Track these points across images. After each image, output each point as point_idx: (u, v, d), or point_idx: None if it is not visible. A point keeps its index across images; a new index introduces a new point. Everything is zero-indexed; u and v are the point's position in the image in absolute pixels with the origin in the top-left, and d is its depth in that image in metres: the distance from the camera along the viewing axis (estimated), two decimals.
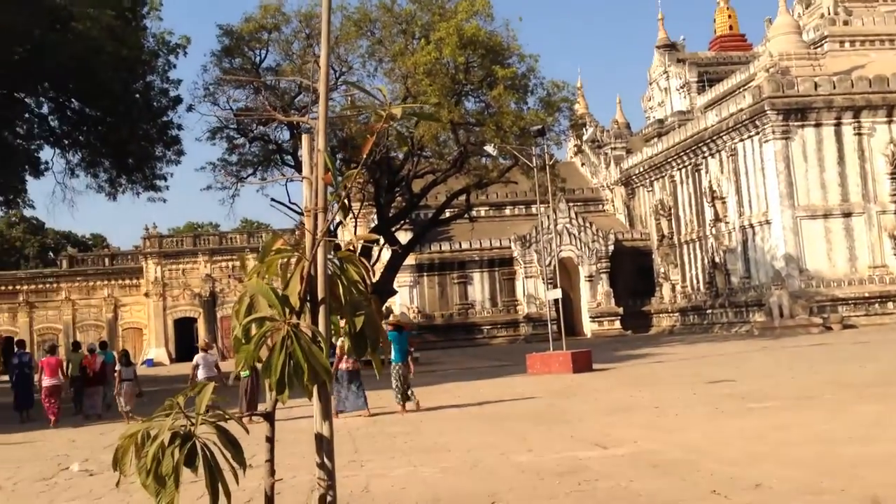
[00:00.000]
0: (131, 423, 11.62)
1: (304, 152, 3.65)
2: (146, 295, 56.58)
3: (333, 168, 3.44)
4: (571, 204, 50.49)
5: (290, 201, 32.44)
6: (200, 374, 16.26)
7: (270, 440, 3.29)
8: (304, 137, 3.63)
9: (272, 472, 3.27)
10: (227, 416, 3.12)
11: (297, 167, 33.72)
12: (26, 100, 31.67)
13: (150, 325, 56.33)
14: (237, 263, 56.49)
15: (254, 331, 3.27)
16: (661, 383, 16.64)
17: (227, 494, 3.00)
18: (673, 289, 47.97)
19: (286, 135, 33.89)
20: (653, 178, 50.05)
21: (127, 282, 58.03)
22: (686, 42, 60.34)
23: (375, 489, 7.55)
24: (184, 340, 56.54)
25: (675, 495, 6.52)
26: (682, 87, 55.86)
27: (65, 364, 19.10)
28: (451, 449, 9.77)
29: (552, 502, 6.59)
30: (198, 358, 16.78)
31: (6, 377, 40.58)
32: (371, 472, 8.49)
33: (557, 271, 29.51)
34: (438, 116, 25.11)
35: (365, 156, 3.66)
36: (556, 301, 28.25)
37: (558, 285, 26.67)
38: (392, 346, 14.41)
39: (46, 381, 17.56)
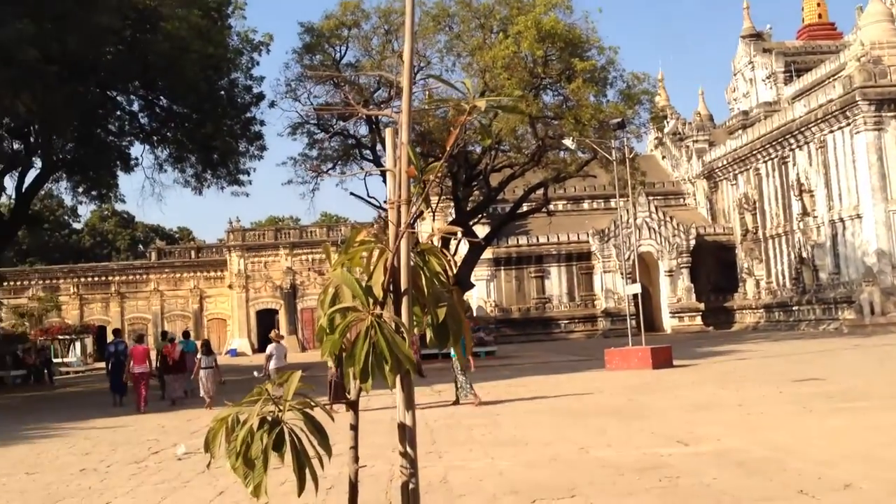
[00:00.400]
0: (213, 410, 12.03)
1: (387, 146, 3.69)
2: (230, 287, 58.09)
3: (417, 161, 3.47)
4: (651, 198, 49.65)
5: (368, 195, 32.83)
6: (272, 364, 16.94)
7: (354, 428, 3.35)
8: (388, 131, 3.66)
9: (356, 459, 3.33)
10: (313, 404, 3.19)
11: (376, 161, 34.10)
12: (118, 98, 32.87)
13: (234, 315, 57.81)
14: (317, 256, 57.50)
15: (338, 321, 3.34)
16: (745, 381, 16.24)
17: (315, 479, 3.07)
18: (757, 284, 46.73)
19: (364, 130, 34.33)
20: (737, 172, 48.81)
21: (212, 274, 59.69)
22: (772, 31, 58.39)
23: (454, 480, 7.60)
24: (266, 331, 57.81)
25: (761, 494, 6.37)
26: (768, 78, 54.22)
27: (153, 353, 19.93)
28: (529, 442, 9.76)
29: (633, 498, 6.52)
30: (270, 348, 17.43)
31: (101, 364, 42.28)
32: (449, 463, 8.54)
33: (636, 266, 29.07)
34: (521, 108, 25.02)
35: (449, 148, 3.68)
36: (634, 296, 27.85)
37: (637, 280, 26.27)
38: None
39: (135, 369, 18.46)
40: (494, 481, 7.49)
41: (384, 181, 33.66)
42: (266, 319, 58.57)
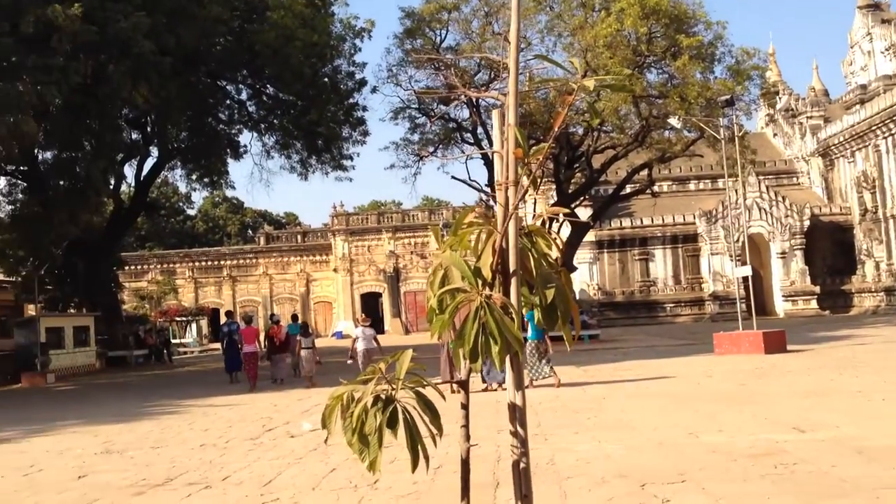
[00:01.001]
0: (312, 389, 12.45)
1: (494, 128, 3.70)
2: (335, 270, 59.35)
3: (524, 142, 3.46)
4: (762, 177, 47.86)
5: (470, 178, 32.88)
6: (359, 347, 17.49)
7: (465, 407, 3.40)
8: (495, 113, 3.66)
9: (467, 438, 3.38)
10: (424, 383, 3.24)
11: (477, 144, 34.15)
12: (227, 87, 34.01)
13: (339, 298, 59.07)
14: (419, 240, 58.08)
15: (448, 302, 3.38)
16: (864, 367, 15.54)
17: (427, 457, 3.12)
18: (877, 266, 44.50)
19: (466, 113, 34.37)
20: (854, 148, 46.51)
21: (317, 258, 61.12)
22: (891, 1, 55.16)
23: (560, 462, 7.59)
24: (370, 314, 58.84)
25: (883, 482, 6.11)
26: (887, 50, 51.31)
27: (262, 334, 20.77)
28: (636, 426, 9.63)
29: (748, 485, 6.35)
30: (357, 331, 18.09)
31: (216, 345, 44.03)
32: (555, 445, 8.53)
33: (746, 248, 28.10)
34: (630, 87, 24.53)
35: (556, 128, 3.65)
36: (744, 279, 26.96)
37: (748, 262, 25.42)
38: (530, 325, 14.68)
39: (246, 349, 19.46)
40: (602, 464, 7.44)
41: (486, 164, 33.74)
42: (370, 302, 59.65)
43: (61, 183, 25.39)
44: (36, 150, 28.04)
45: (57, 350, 28.25)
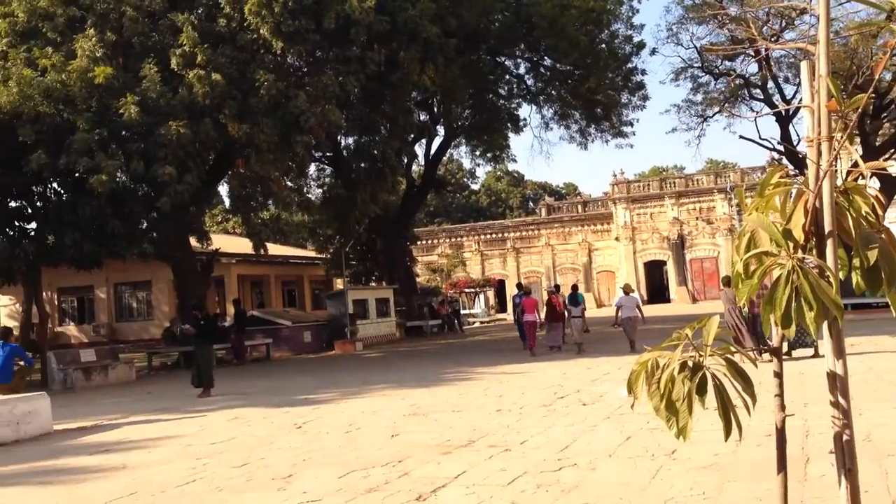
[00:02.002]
0: (581, 356, 12.65)
1: (802, 79, 3.48)
2: (616, 239, 58.83)
3: (838, 94, 3.23)
4: None
5: (760, 137, 30.96)
6: (622, 314, 18.46)
7: (779, 375, 3.27)
8: (804, 64, 3.44)
9: (783, 407, 3.25)
10: (734, 350, 3.16)
11: (767, 100, 31.98)
12: (506, 63, 34.82)
13: (622, 267, 58.51)
14: (704, 205, 55.79)
15: (754, 265, 3.26)
16: None
17: (739, 426, 3.05)
18: None
19: (753, 68, 32.30)
20: None
21: (598, 227, 60.92)
22: None
23: (879, 439, 7.00)
24: (654, 283, 57.78)
25: None
26: None
27: (541, 304, 21.63)
28: None
29: None
30: (620, 300, 18.88)
31: (503, 315, 45.72)
32: (872, 421, 7.87)
33: None
34: None
35: (877, 75, 3.35)
36: None
37: None
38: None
39: (526, 317, 20.79)
40: None
41: (777, 121, 31.49)
42: (654, 271, 58.47)
43: (361, 165, 27.59)
44: (339, 137, 30.69)
45: (363, 320, 30.92)
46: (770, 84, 31.83)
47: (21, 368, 15.28)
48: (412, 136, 33.49)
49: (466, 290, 52.88)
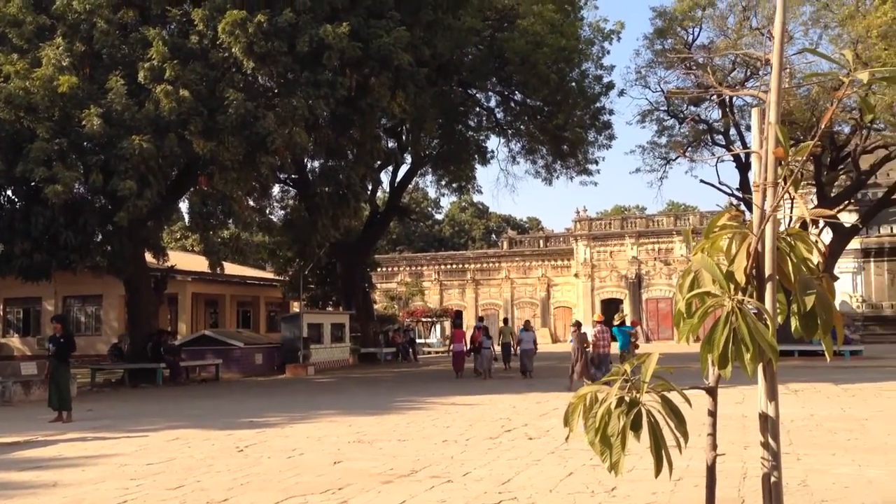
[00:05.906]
0: (487, 380, 13.17)
1: (753, 126, 3.55)
2: (576, 275, 59.14)
3: (786, 141, 3.29)
4: None
5: (719, 181, 31.54)
6: (522, 346, 23.36)
7: (713, 414, 3.28)
8: (754, 111, 3.51)
9: (714, 447, 3.26)
10: (671, 388, 3.16)
11: (729, 146, 32.63)
12: (477, 95, 35.09)
13: (579, 304, 58.78)
14: (663, 246, 56.44)
15: (697, 305, 3.28)
16: None
17: (671, 464, 3.05)
18: None
19: (717, 114, 32.99)
20: None
21: (558, 263, 61.21)
22: None
23: (814, 485, 7.06)
24: (610, 320, 58.04)
25: None
26: None
27: (498, 337, 27.04)
28: None
29: None
30: (521, 334, 23.54)
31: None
32: (809, 466, 7.95)
33: None
34: None
35: (823, 125, 3.42)
36: None
37: None
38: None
39: (455, 346, 25.29)
40: (862, 490, 6.83)
41: (737, 167, 32.09)
42: (611, 308, 58.79)
43: (325, 189, 27.45)
44: (305, 160, 30.54)
45: (317, 345, 30.62)
46: (732, 131, 32.50)
47: None
48: (379, 162, 33.47)
49: (423, 320, 52.71)
